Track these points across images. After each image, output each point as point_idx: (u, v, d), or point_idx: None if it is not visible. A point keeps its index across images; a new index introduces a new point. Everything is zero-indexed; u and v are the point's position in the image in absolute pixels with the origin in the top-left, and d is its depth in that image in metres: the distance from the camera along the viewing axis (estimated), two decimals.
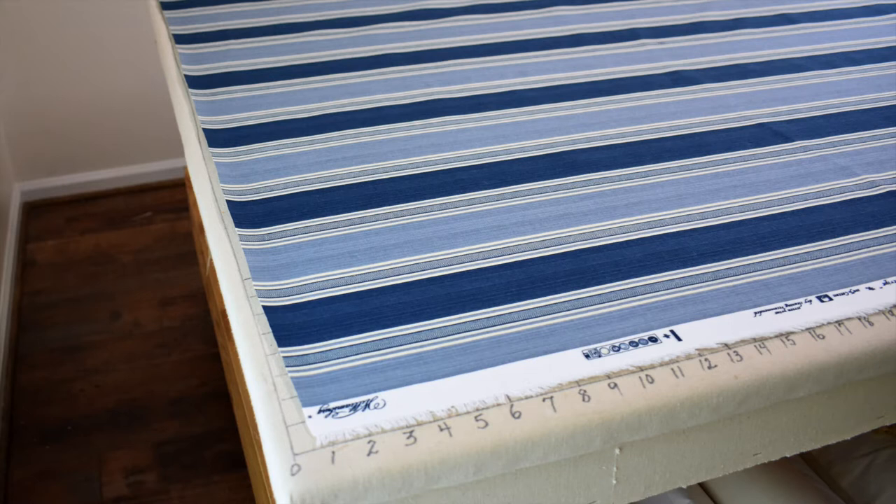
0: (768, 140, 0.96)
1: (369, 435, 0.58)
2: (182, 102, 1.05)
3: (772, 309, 0.71)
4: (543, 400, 0.62)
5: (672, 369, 0.65)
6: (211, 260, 0.85)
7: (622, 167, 0.90)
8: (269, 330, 0.68)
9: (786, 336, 0.68)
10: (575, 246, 0.78)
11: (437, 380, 0.63)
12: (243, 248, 0.77)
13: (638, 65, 1.12)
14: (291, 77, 1.08)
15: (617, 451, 0.67)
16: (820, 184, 0.88)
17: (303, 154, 0.92)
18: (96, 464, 1.50)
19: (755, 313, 0.70)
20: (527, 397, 0.62)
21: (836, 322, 0.70)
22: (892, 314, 0.71)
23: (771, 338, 0.68)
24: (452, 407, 0.61)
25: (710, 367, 0.65)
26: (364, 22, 1.24)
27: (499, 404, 0.61)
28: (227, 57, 1.13)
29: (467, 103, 1.02)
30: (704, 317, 0.70)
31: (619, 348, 0.66)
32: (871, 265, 0.76)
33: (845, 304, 0.71)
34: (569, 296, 0.72)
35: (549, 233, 0.80)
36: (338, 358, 0.65)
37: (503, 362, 0.65)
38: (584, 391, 0.63)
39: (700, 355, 0.66)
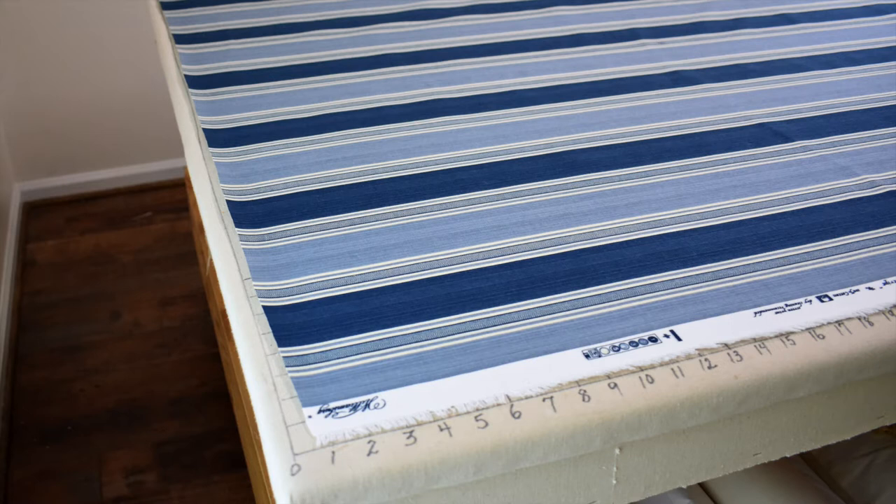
0: (768, 140, 0.96)
1: (369, 435, 0.58)
2: (182, 102, 1.05)
3: (772, 309, 0.71)
4: (543, 400, 0.62)
5: (672, 369, 0.65)
6: (211, 260, 0.85)
7: (622, 167, 0.90)
8: (269, 330, 0.68)
9: (786, 336, 0.68)
10: (575, 246, 0.78)
11: (437, 380, 0.63)
12: (243, 248, 0.77)
13: (638, 65, 1.12)
14: (291, 77, 1.08)
15: (617, 451, 0.67)
16: (820, 184, 0.88)
17: (303, 154, 0.92)
18: (96, 464, 1.50)
19: (755, 313, 0.70)
20: (527, 397, 0.62)
21: (836, 322, 0.70)
22: (892, 314, 0.71)
23: (771, 338, 0.68)
24: (452, 407, 0.61)
25: (710, 367, 0.65)
26: (364, 22, 1.24)
27: (499, 404, 0.61)
28: (227, 57, 1.13)
29: (467, 103, 1.02)
30: (704, 317, 0.70)
31: (619, 348, 0.66)
32: (871, 265, 0.76)
33: (845, 304, 0.71)
34: (569, 296, 0.72)
35: (549, 233, 0.80)
36: (338, 358, 0.65)
37: (503, 362, 0.65)
38: (584, 391, 0.63)
39: (700, 355, 0.66)
